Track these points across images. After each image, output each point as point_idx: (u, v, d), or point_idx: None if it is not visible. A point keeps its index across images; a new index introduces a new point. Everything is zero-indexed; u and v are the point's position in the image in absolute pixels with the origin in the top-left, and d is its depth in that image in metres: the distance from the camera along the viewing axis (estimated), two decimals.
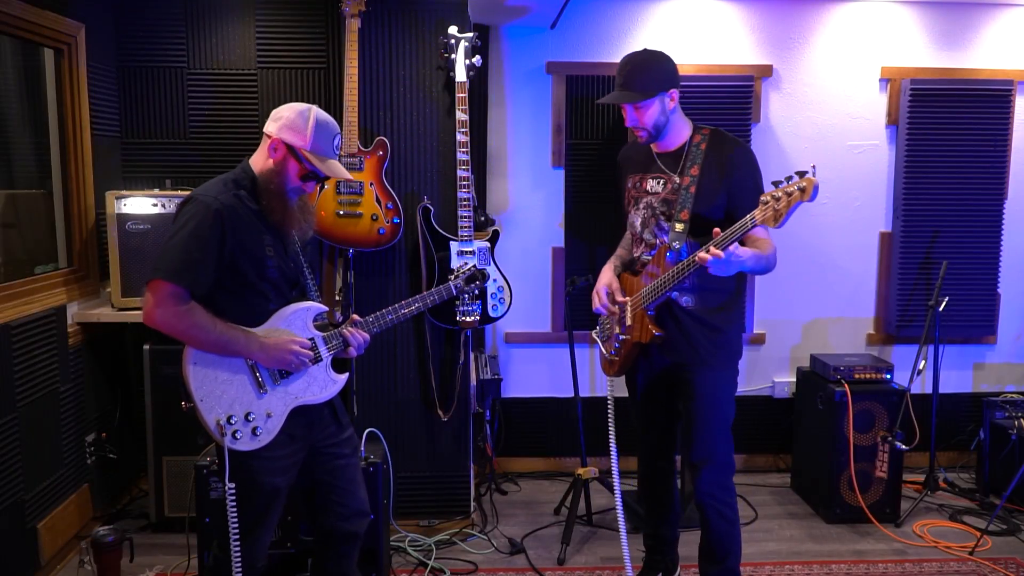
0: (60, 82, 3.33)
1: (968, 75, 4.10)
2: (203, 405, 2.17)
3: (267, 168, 2.23)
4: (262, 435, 2.21)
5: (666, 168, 2.68)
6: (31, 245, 3.44)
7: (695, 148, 2.63)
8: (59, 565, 3.22)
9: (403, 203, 3.33)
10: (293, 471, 2.32)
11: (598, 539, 3.54)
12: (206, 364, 2.17)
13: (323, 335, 2.31)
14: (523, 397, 4.24)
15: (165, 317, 2.11)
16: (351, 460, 2.45)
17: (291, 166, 2.22)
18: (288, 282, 2.30)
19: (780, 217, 2.24)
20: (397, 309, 2.42)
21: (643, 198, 2.72)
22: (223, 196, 2.17)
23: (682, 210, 2.58)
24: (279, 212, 2.23)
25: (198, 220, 2.12)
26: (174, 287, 2.09)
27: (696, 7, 4.03)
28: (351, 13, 3.21)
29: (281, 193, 2.22)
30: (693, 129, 2.68)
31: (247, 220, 2.19)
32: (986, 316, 4.22)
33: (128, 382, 3.78)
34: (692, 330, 2.64)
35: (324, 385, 2.33)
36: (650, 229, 2.70)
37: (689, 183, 2.59)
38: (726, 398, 2.71)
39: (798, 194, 2.21)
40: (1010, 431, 3.81)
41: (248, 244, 2.18)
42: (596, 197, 4.12)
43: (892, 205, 4.21)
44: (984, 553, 3.39)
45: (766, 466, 4.32)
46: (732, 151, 2.61)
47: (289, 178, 2.22)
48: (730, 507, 2.73)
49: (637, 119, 2.61)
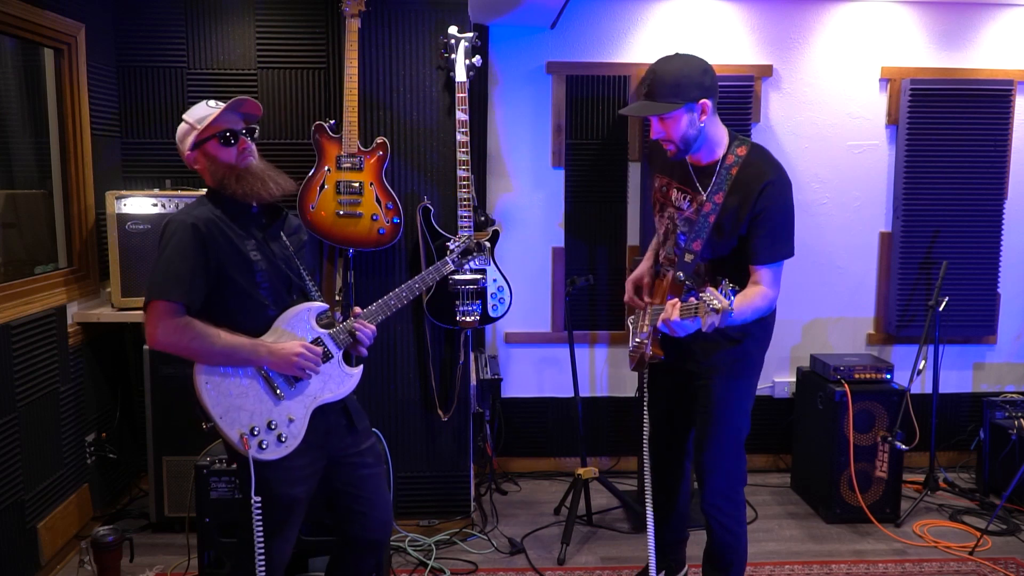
0: (60, 82, 3.33)
1: (968, 75, 4.10)
2: (223, 422, 2.14)
3: (212, 176, 2.24)
4: (288, 440, 2.19)
5: (696, 183, 2.50)
6: (31, 245, 3.44)
7: (725, 171, 2.42)
8: (59, 565, 3.22)
9: (403, 203, 3.33)
10: (312, 481, 2.30)
11: (598, 539, 3.54)
12: (218, 380, 2.15)
13: (329, 332, 2.30)
14: (523, 397, 4.24)
15: (166, 334, 2.10)
16: (375, 470, 2.41)
17: (212, 151, 2.22)
18: (284, 287, 2.28)
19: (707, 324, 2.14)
20: (399, 293, 2.39)
21: (667, 208, 2.60)
22: (197, 211, 2.18)
23: (695, 240, 2.46)
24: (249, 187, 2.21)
25: (177, 237, 2.13)
26: (167, 304, 2.09)
27: (696, 7, 4.03)
28: (351, 13, 3.21)
29: (234, 171, 2.21)
30: (728, 145, 2.46)
31: (226, 229, 2.19)
32: (986, 316, 4.22)
33: (128, 382, 3.78)
34: (708, 341, 2.52)
35: (340, 381, 2.31)
36: (671, 242, 2.59)
37: (710, 211, 2.43)
38: (740, 410, 2.63)
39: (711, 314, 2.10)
40: (1010, 431, 3.81)
41: (232, 252, 2.17)
42: (596, 197, 4.12)
43: (892, 205, 4.21)
44: (984, 553, 3.39)
45: (766, 466, 4.32)
46: (763, 181, 2.37)
47: (222, 158, 2.22)
48: (735, 519, 2.68)
49: (663, 131, 2.41)
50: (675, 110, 2.35)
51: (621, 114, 2.46)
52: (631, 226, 4.13)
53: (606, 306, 4.16)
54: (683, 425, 2.80)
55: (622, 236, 4.14)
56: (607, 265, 4.14)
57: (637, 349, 2.69)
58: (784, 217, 2.42)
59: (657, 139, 2.46)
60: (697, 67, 2.38)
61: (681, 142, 2.42)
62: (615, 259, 4.13)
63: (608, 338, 4.21)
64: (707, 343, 2.54)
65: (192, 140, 2.23)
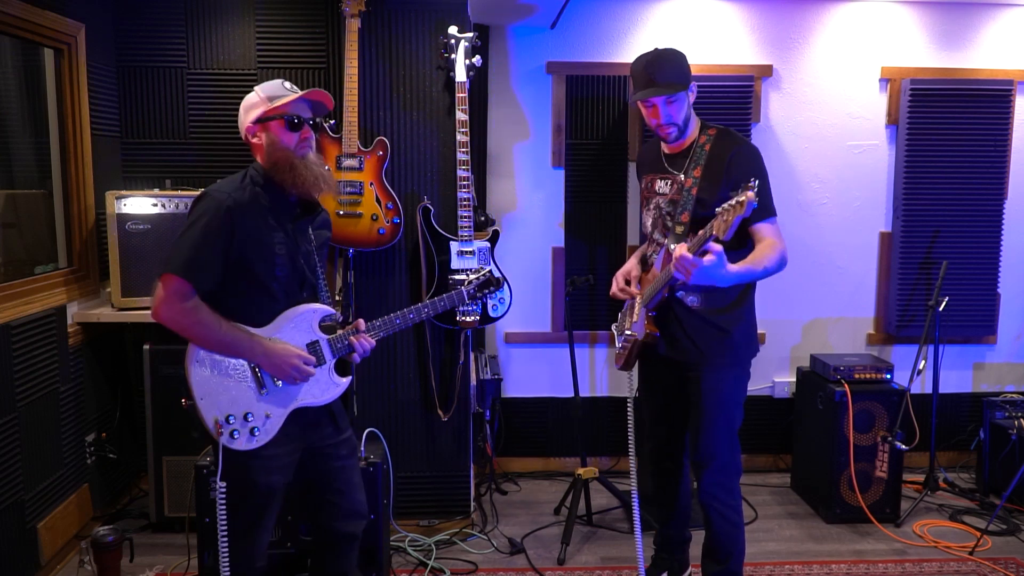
0: (60, 82, 3.33)
1: (968, 75, 4.10)
2: (203, 404, 2.17)
3: (267, 155, 2.24)
4: (260, 435, 2.22)
5: (673, 168, 2.67)
6: (31, 245, 3.44)
7: (699, 148, 2.61)
8: (59, 565, 3.22)
9: (403, 203, 3.33)
10: (289, 471, 2.32)
11: (598, 539, 3.54)
12: (208, 363, 2.18)
13: (328, 338, 2.31)
14: (523, 397, 4.24)
15: (171, 313, 2.13)
16: (349, 462, 2.45)
17: (274, 131, 2.23)
18: (298, 282, 2.29)
19: (726, 229, 2.20)
20: (406, 314, 2.41)
21: (653, 199, 2.73)
22: (237, 193, 2.19)
23: (683, 212, 2.57)
24: (300, 179, 2.21)
25: (209, 216, 2.14)
26: (181, 283, 2.11)
27: (696, 7, 4.03)
28: (351, 13, 3.21)
29: (289, 159, 2.22)
30: (700, 128, 2.66)
31: (260, 217, 2.20)
32: (986, 316, 4.22)
33: (128, 382, 3.78)
34: (698, 330, 2.63)
35: (326, 388, 2.32)
36: (659, 229, 2.70)
37: (691, 185, 2.58)
38: (733, 400, 2.69)
39: (737, 208, 2.16)
40: (1010, 431, 3.81)
41: (258, 241, 2.18)
42: (596, 197, 4.12)
43: (892, 205, 4.21)
44: (984, 553, 3.39)
45: (766, 466, 4.32)
46: (732, 150, 2.57)
47: (283, 142, 2.23)
48: (733, 509, 2.73)
49: (671, 115, 2.56)
50: (682, 92, 2.55)
51: (634, 100, 2.56)
52: (631, 226, 4.13)
53: (606, 306, 4.16)
54: (679, 421, 2.82)
55: (622, 236, 4.14)
56: (607, 265, 4.14)
57: (628, 339, 2.71)
58: (763, 178, 2.53)
59: (663, 123, 2.58)
60: (682, 55, 2.60)
61: (683, 123, 2.60)
62: (615, 259, 4.13)
63: (608, 338, 4.21)
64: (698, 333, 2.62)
65: (259, 114, 2.23)
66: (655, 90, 2.53)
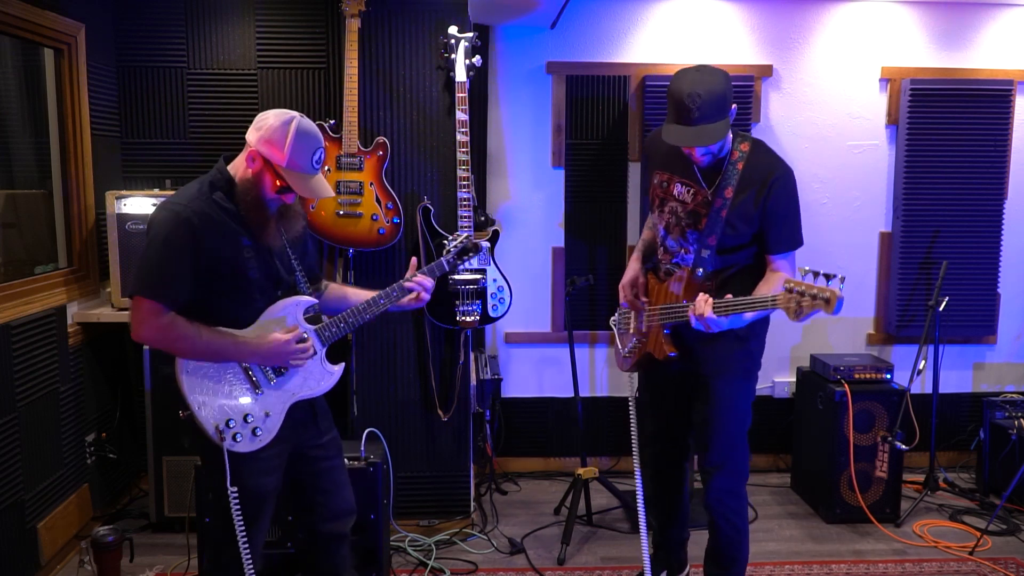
0: (60, 82, 3.33)
1: (968, 75, 4.10)
2: (200, 412, 2.16)
3: (245, 177, 2.20)
4: (262, 435, 2.21)
5: (700, 179, 2.52)
6: (31, 245, 3.44)
7: (732, 166, 2.46)
8: (59, 565, 3.22)
9: (403, 203, 3.33)
10: (280, 472, 2.32)
11: (598, 539, 3.54)
12: (199, 371, 2.17)
13: (315, 328, 2.30)
14: (523, 397, 4.24)
15: (149, 333, 2.12)
16: (335, 462, 2.45)
17: (267, 179, 2.17)
18: (272, 281, 2.26)
19: (802, 315, 2.13)
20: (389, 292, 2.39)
21: (669, 202, 2.61)
22: (195, 203, 2.13)
23: (710, 235, 2.48)
24: (256, 222, 2.19)
25: (168, 231, 2.09)
26: (152, 303, 2.09)
27: (696, 7, 4.03)
28: (351, 13, 3.21)
29: (259, 204, 2.18)
30: (732, 141, 2.50)
31: (221, 224, 2.15)
32: (986, 316, 4.22)
33: (128, 382, 3.78)
34: (714, 340, 2.53)
35: (320, 377, 2.32)
36: (674, 237, 2.60)
37: (721, 206, 2.45)
38: (744, 406, 2.66)
39: (821, 303, 2.08)
40: (1010, 431, 3.81)
41: (224, 249, 2.15)
42: (596, 197, 4.12)
43: (892, 205, 4.21)
44: (984, 553, 3.39)
45: (766, 466, 4.32)
46: (771, 176, 2.44)
47: (266, 190, 2.18)
48: (739, 515, 2.70)
49: (709, 148, 2.42)
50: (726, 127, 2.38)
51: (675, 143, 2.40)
52: (631, 226, 4.13)
53: (606, 306, 4.16)
54: (684, 424, 2.80)
55: (622, 236, 4.14)
56: (607, 265, 4.14)
57: (638, 348, 2.68)
58: (795, 208, 2.52)
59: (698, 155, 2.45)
60: (724, 78, 2.39)
61: (719, 151, 2.47)
62: (615, 259, 4.13)
63: (608, 338, 4.21)
64: (715, 343, 2.55)
65: (271, 158, 2.15)
66: (694, 135, 2.35)
